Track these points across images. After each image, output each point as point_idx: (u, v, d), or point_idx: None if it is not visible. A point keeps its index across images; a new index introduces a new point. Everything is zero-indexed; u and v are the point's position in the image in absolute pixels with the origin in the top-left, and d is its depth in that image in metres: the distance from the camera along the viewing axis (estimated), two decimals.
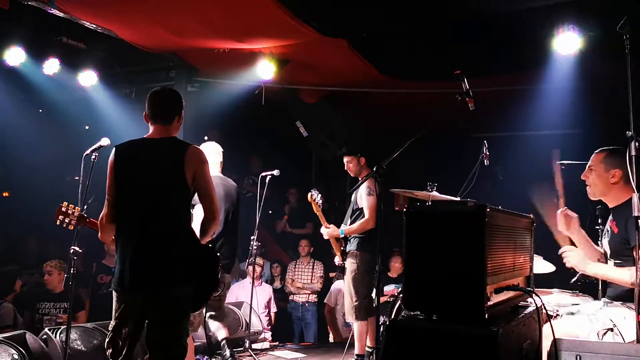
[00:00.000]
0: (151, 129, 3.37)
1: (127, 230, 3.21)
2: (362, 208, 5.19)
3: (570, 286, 4.42)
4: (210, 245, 3.54)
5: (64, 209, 4.07)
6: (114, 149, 3.30)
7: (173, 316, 3.16)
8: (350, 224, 5.29)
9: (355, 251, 5.19)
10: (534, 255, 4.11)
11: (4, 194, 9.27)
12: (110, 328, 3.28)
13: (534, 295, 2.41)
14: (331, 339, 7.27)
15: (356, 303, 5.11)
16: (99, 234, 3.45)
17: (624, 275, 3.06)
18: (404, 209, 2.25)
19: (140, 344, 3.32)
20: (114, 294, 3.26)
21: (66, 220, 4.06)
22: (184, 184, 3.19)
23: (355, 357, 5.29)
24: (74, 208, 4.10)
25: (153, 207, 3.19)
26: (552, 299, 3.83)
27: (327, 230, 5.30)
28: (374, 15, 5.46)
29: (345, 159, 5.43)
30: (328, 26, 5.52)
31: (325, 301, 7.27)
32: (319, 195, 5.37)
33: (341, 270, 5.53)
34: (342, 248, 5.36)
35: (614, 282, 3.18)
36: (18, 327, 5.48)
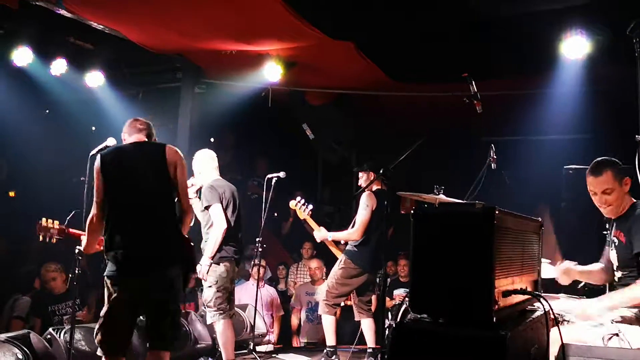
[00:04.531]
0: (132, 139, 3.71)
1: (123, 222, 3.48)
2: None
3: (577, 292, 4.38)
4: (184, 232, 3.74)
5: (44, 224, 4.10)
6: (99, 155, 3.61)
7: (170, 296, 3.49)
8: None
9: (345, 257, 5.45)
10: (541, 259, 4.09)
11: (11, 194, 9.29)
12: (102, 315, 3.47)
13: (542, 299, 2.38)
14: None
15: (326, 299, 5.41)
16: (84, 241, 3.76)
17: (637, 293, 3.01)
18: (411, 211, 2.23)
19: (142, 342, 3.43)
20: (108, 281, 3.46)
21: (48, 235, 4.10)
22: (167, 177, 3.56)
23: (327, 349, 5.48)
24: (53, 222, 4.14)
25: (145, 199, 3.53)
26: (559, 305, 3.79)
27: (318, 234, 5.65)
28: (381, 18, 5.46)
29: (360, 174, 5.69)
30: (335, 29, 5.53)
31: None
32: (303, 200, 5.75)
33: None
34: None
35: (633, 303, 3.10)
36: (29, 323, 5.52)
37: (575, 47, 5.39)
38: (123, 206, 3.51)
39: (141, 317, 3.66)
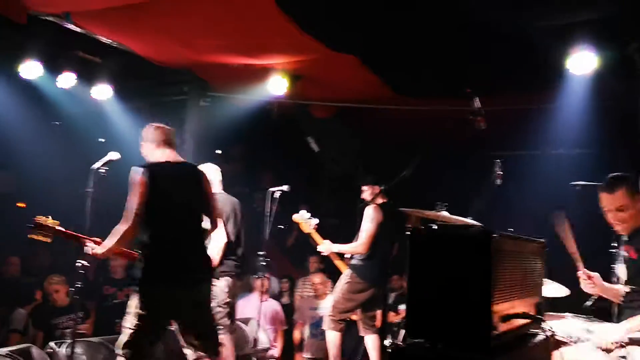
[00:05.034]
0: (162, 151, 3.84)
1: (163, 238, 3.63)
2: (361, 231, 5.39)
3: (584, 311, 4.30)
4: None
5: (40, 222, 3.95)
6: (142, 169, 3.63)
7: (209, 305, 3.81)
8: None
9: (351, 271, 5.41)
10: (547, 279, 4.02)
11: (20, 205, 9.34)
12: (132, 328, 3.50)
13: (543, 323, 2.33)
14: None
15: (331, 314, 5.39)
16: (93, 246, 3.79)
17: None
18: (408, 231, 2.20)
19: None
20: (142, 293, 3.52)
21: (43, 234, 3.96)
22: (202, 198, 3.84)
23: None
24: (47, 220, 4.00)
25: (189, 217, 3.76)
26: (565, 325, 3.73)
27: (323, 247, 5.63)
28: (386, 32, 5.44)
29: (363, 187, 5.66)
30: (339, 42, 5.52)
31: None
32: (308, 214, 5.77)
33: None
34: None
35: None
36: (29, 336, 5.51)
37: (582, 63, 5.37)
38: (163, 223, 3.64)
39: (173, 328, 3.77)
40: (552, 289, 4.19)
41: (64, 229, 4.05)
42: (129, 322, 3.55)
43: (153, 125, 3.92)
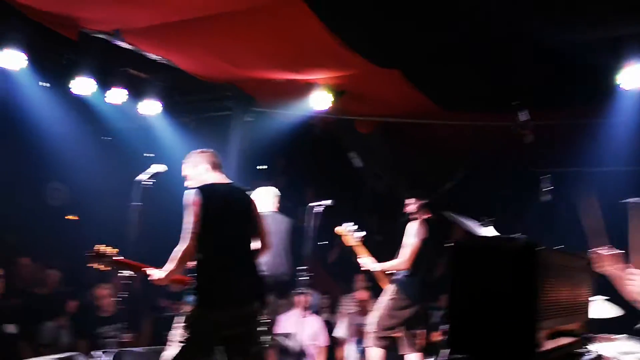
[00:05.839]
0: (212, 175, 3.91)
1: (217, 258, 3.69)
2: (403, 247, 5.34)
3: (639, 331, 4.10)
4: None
5: (99, 251, 3.90)
6: (197, 190, 3.71)
7: (255, 329, 3.75)
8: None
9: (394, 287, 5.35)
10: (599, 296, 3.87)
11: (72, 218, 9.63)
12: (182, 342, 3.53)
13: (592, 342, 2.22)
14: None
15: (374, 330, 5.32)
16: (154, 271, 3.75)
17: None
18: (451, 243, 2.14)
19: None
20: (195, 311, 3.55)
21: (100, 263, 3.91)
22: (252, 222, 3.91)
23: None
24: (106, 249, 3.93)
25: (241, 238, 3.83)
26: (618, 347, 3.55)
27: (365, 261, 5.56)
28: (429, 46, 5.39)
29: (407, 201, 5.60)
30: (383, 57, 5.50)
31: None
32: (351, 226, 5.72)
33: None
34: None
35: None
36: (58, 347, 5.59)
37: (632, 77, 5.19)
38: (218, 243, 3.71)
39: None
40: (603, 309, 4.01)
41: (122, 258, 3.98)
42: (178, 336, 3.58)
43: (200, 150, 4.02)
